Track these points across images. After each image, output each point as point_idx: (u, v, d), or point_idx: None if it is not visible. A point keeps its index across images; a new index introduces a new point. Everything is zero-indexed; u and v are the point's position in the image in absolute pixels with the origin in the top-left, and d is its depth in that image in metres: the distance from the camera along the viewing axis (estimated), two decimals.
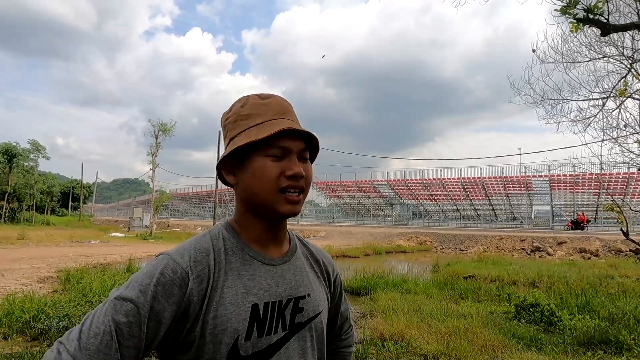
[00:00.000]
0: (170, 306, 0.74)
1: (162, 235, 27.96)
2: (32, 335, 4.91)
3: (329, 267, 1.05)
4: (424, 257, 18.86)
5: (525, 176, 37.98)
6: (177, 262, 0.77)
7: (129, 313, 0.71)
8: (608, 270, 11.66)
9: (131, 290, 0.73)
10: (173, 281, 0.75)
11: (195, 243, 0.83)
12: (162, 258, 0.79)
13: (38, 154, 43.45)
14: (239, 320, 0.79)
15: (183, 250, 0.81)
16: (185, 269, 0.77)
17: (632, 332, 5.17)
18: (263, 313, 0.83)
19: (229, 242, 0.86)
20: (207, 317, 0.77)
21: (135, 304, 0.71)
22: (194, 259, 0.79)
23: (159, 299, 0.73)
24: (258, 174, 0.84)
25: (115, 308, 0.71)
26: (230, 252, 0.84)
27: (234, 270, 0.83)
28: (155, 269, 0.76)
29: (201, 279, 0.78)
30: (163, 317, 0.73)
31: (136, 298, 0.72)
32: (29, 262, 11.47)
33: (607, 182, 31.61)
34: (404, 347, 4.82)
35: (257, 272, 0.85)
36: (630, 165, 7.08)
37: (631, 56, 6.11)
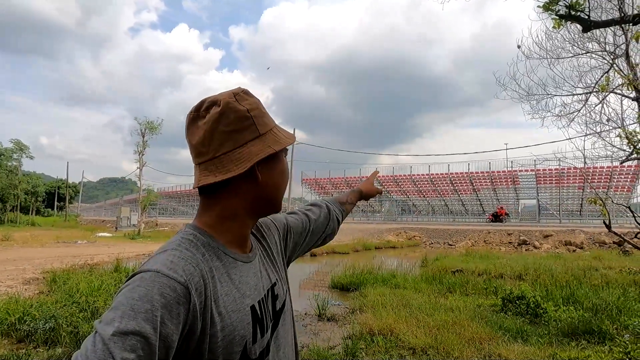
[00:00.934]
0: (176, 327, 0.67)
1: (151, 234, 27.69)
2: (18, 337, 4.85)
3: (273, 233, 1.05)
4: (413, 252, 19.01)
5: (512, 171, 38.46)
6: (173, 277, 0.68)
7: (136, 347, 0.60)
8: (592, 262, 11.89)
9: (132, 320, 0.62)
10: (176, 300, 0.67)
11: (179, 254, 0.74)
12: (153, 276, 0.67)
13: (21, 153, 42.62)
14: (243, 325, 0.77)
15: (172, 264, 0.71)
16: (184, 285, 0.69)
17: (614, 322, 5.29)
18: (260, 312, 0.83)
19: (209, 246, 0.80)
20: (213, 329, 0.72)
21: (143, 335, 0.61)
22: (187, 271, 0.71)
23: (165, 323, 0.65)
24: (285, 173, 0.90)
25: (118, 345, 0.59)
26: (214, 257, 0.79)
27: (224, 276, 0.79)
28: (151, 290, 0.65)
29: (200, 291, 0.72)
30: (172, 341, 0.66)
31: (142, 328, 0.61)
32: (13, 264, 11.28)
33: (591, 176, 32.19)
34: (393, 342, 4.87)
35: (242, 273, 0.84)
36: (613, 159, 7.22)
37: (613, 52, 6.22)
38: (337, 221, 1.28)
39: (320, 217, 1.22)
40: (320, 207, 1.26)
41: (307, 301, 7.38)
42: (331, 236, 1.28)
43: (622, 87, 5.92)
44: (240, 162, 0.80)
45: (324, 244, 1.28)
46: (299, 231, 1.14)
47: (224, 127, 0.80)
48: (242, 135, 0.81)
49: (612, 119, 6.46)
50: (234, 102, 0.81)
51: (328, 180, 49.62)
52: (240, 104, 0.82)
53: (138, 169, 29.84)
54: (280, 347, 0.89)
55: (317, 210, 1.24)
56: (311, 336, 5.54)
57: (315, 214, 1.22)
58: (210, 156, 0.81)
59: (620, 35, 6.01)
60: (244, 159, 0.80)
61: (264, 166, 0.83)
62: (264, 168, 0.84)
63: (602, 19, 5.14)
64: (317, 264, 14.80)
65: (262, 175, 0.83)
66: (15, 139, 42.58)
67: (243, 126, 0.81)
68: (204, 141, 0.81)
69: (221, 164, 0.80)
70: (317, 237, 1.21)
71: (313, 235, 1.19)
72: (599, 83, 6.16)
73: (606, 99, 6.43)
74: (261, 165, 0.83)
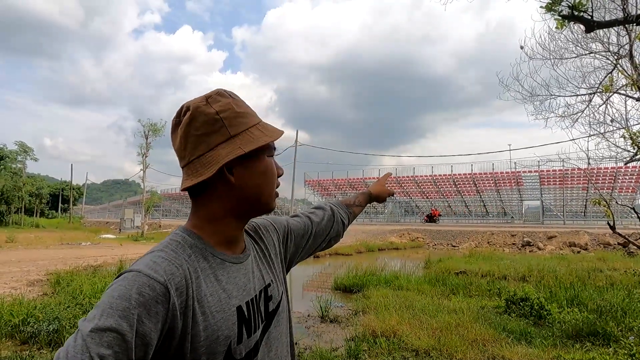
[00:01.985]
0: (155, 325, 0.68)
1: (154, 236, 27.75)
2: (22, 339, 4.86)
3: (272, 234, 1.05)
4: (416, 254, 18.97)
5: (516, 172, 38.29)
6: (152, 277, 0.69)
7: (112, 343, 0.62)
8: (597, 263, 11.83)
9: (109, 318, 0.64)
10: (154, 299, 0.68)
11: (163, 255, 0.75)
12: (134, 276, 0.69)
13: (26, 155, 42.89)
14: (228, 326, 0.78)
15: (154, 264, 0.72)
16: (163, 284, 0.70)
17: (619, 324, 5.25)
18: (247, 313, 0.83)
19: (196, 248, 0.81)
20: (195, 329, 0.73)
21: (118, 331, 0.63)
22: (169, 271, 0.72)
23: (143, 321, 0.66)
24: (268, 172, 0.86)
25: (95, 341, 0.62)
26: (201, 258, 0.80)
27: (210, 277, 0.79)
28: (130, 289, 0.67)
29: (180, 291, 0.72)
30: (150, 339, 0.67)
31: (118, 325, 0.63)
32: (18, 265, 11.34)
33: (594, 177, 32.05)
34: (395, 343, 4.85)
35: (230, 273, 0.84)
36: (617, 160, 7.17)
37: (617, 52, 6.19)
38: (342, 224, 1.27)
39: (324, 219, 1.21)
40: (324, 209, 1.25)
41: (310, 303, 7.38)
42: (336, 239, 1.27)
43: (626, 87, 5.89)
44: (210, 165, 0.80)
45: (329, 246, 1.26)
46: (300, 234, 1.13)
47: (194, 132, 0.81)
48: (212, 138, 0.81)
49: (616, 120, 6.44)
50: (204, 106, 0.82)
51: (331, 182, 49.61)
52: (211, 106, 0.82)
53: (141, 171, 29.96)
54: (272, 348, 0.89)
55: (321, 213, 1.23)
56: (314, 338, 5.53)
57: (319, 216, 1.22)
58: (187, 160, 0.83)
59: (624, 36, 5.98)
60: (214, 161, 0.80)
61: (240, 167, 0.83)
62: (241, 169, 0.83)
63: (605, 19, 5.12)
64: (320, 266, 14.80)
65: (239, 176, 0.83)
66: (20, 141, 42.84)
67: (213, 129, 0.81)
68: (181, 146, 0.83)
69: (195, 168, 0.81)
70: (320, 239, 1.20)
71: (316, 238, 1.18)
72: (603, 83, 6.13)
73: (610, 100, 6.41)
74: (237, 167, 0.83)
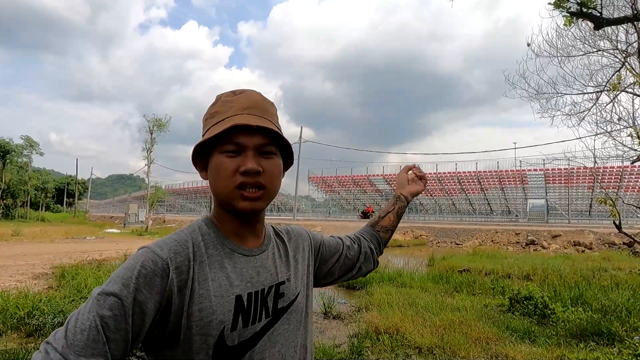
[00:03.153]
0: (152, 297, 0.75)
1: (158, 231, 27.88)
2: (27, 331, 4.90)
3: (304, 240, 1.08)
4: (420, 251, 18.95)
5: (521, 170, 38.11)
6: (157, 253, 0.78)
7: (113, 306, 0.71)
8: (601, 263, 11.76)
9: (113, 284, 0.73)
10: (154, 272, 0.76)
11: (175, 236, 0.84)
12: (142, 251, 0.79)
13: (32, 150, 43.18)
14: (224, 312, 0.80)
15: (162, 244, 0.82)
16: (165, 260, 0.78)
17: (624, 323, 5.23)
18: (247, 303, 0.85)
19: (208, 236, 0.87)
20: (191, 309, 0.78)
21: (119, 297, 0.72)
22: (173, 250, 0.80)
23: (141, 290, 0.74)
24: (215, 171, 0.86)
25: (99, 303, 0.71)
26: (211, 245, 0.86)
27: (216, 264, 0.84)
28: (136, 262, 0.76)
29: (180, 270, 0.79)
30: (147, 308, 0.74)
31: (119, 291, 0.72)
32: (23, 259, 11.43)
33: (600, 176, 31.82)
34: (398, 341, 4.85)
35: (238, 263, 0.87)
36: (623, 159, 7.12)
37: (625, 50, 6.13)
38: (371, 250, 1.24)
39: (354, 245, 1.22)
40: (353, 239, 1.25)
41: (313, 299, 7.37)
42: (367, 265, 1.24)
43: (633, 85, 5.83)
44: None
45: (363, 274, 1.26)
46: (332, 250, 1.16)
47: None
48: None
49: (623, 118, 6.37)
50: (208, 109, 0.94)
51: (335, 179, 49.59)
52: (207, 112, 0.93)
53: (146, 166, 30.08)
54: (277, 344, 0.89)
55: (352, 241, 1.24)
56: (317, 334, 5.54)
57: (351, 239, 1.24)
58: None
59: (632, 33, 5.91)
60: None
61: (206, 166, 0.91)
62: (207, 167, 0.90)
63: (614, 17, 5.06)
64: None
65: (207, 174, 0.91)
66: (26, 135, 43.09)
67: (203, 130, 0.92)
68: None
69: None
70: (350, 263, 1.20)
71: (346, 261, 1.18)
72: (610, 82, 6.07)
73: (617, 98, 6.34)
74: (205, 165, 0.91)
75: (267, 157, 0.87)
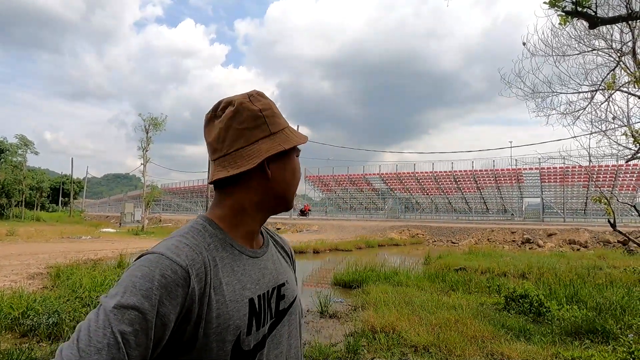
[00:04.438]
0: (174, 308, 0.71)
1: (154, 230, 27.81)
2: (21, 331, 4.87)
3: (290, 250, 1.13)
4: (416, 250, 18.99)
5: (516, 169, 38.25)
6: (175, 261, 0.73)
7: (134, 321, 0.66)
8: (596, 261, 11.84)
9: (132, 296, 0.67)
10: (175, 282, 0.71)
11: (186, 241, 0.79)
12: (157, 258, 0.73)
13: (26, 149, 42.89)
14: (239, 316, 0.80)
15: (176, 249, 0.76)
16: (185, 268, 0.73)
17: (618, 321, 5.26)
18: (258, 306, 0.85)
19: (216, 237, 0.84)
20: (209, 316, 0.75)
21: (141, 310, 0.66)
22: (190, 257, 0.76)
23: (164, 302, 0.69)
24: (297, 171, 0.93)
25: (117, 317, 0.65)
26: (220, 247, 0.84)
27: (227, 267, 0.82)
28: (153, 270, 0.71)
29: (200, 277, 0.76)
30: (168, 320, 0.70)
31: (140, 304, 0.67)
32: (18, 259, 11.36)
33: (595, 174, 31.99)
34: (395, 339, 4.86)
35: (247, 266, 0.87)
36: (618, 158, 7.15)
37: (620, 49, 6.16)
38: None
39: None
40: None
41: (310, 298, 7.39)
42: None
43: (628, 84, 5.86)
44: (250, 158, 0.84)
45: None
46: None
47: (237, 125, 0.86)
48: (253, 133, 0.86)
49: (618, 117, 6.40)
50: (248, 102, 0.88)
51: (331, 178, 49.60)
52: (253, 104, 0.88)
53: (142, 165, 29.96)
54: (279, 345, 0.90)
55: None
56: (313, 333, 5.54)
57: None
58: (224, 152, 0.86)
59: (627, 33, 5.95)
60: (255, 155, 0.85)
61: (275, 164, 0.88)
62: (275, 165, 0.88)
63: (609, 16, 5.08)
64: (320, 261, 14.83)
65: (273, 172, 0.88)
66: (20, 134, 42.81)
67: (255, 124, 0.87)
68: (219, 138, 0.87)
69: (233, 160, 0.85)
70: None
71: None
72: (605, 81, 6.10)
73: (612, 97, 6.37)
74: (272, 163, 0.87)
75: None
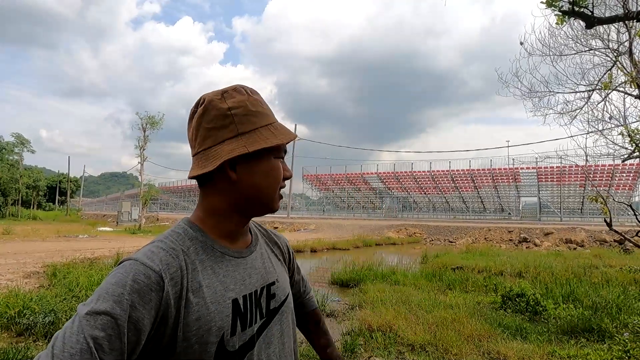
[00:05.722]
0: (148, 312, 0.70)
1: (151, 229, 27.74)
2: (18, 331, 4.85)
3: (285, 246, 1.12)
4: (413, 249, 19.02)
5: (513, 168, 38.38)
6: (148, 266, 0.73)
7: (106, 326, 0.66)
8: (592, 260, 11.88)
9: (104, 302, 0.67)
10: (148, 286, 0.71)
11: (161, 245, 0.79)
12: (130, 264, 0.73)
13: (22, 147, 42.68)
14: (222, 317, 0.79)
15: (150, 254, 0.76)
16: (158, 273, 0.73)
17: (614, 320, 5.28)
18: (243, 306, 0.84)
19: (196, 240, 0.84)
20: (187, 319, 0.75)
21: (112, 315, 0.66)
22: (165, 261, 0.75)
23: (136, 307, 0.69)
24: (271, 174, 0.87)
25: (90, 323, 0.65)
26: (200, 250, 0.83)
27: (207, 269, 0.81)
28: (126, 276, 0.71)
29: (175, 281, 0.75)
30: (143, 325, 0.70)
31: (111, 309, 0.67)
32: (14, 257, 11.31)
33: (592, 174, 32.12)
34: (392, 338, 4.86)
35: (229, 267, 0.86)
36: (614, 157, 7.17)
37: (616, 49, 6.18)
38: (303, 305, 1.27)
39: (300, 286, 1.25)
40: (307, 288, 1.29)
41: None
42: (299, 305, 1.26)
43: (625, 84, 5.87)
44: (214, 159, 0.82)
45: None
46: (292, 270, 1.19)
47: (205, 124, 0.84)
48: (220, 132, 0.83)
49: (615, 117, 6.42)
50: (218, 100, 0.84)
51: (329, 177, 49.63)
52: (225, 101, 0.84)
53: (139, 164, 29.87)
54: (271, 345, 0.90)
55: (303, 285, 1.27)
56: None
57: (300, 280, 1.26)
58: (196, 150, 0.86)
59: (624, 32, 5.96)
60: (217, 156, 0.82)
61: (242, 166, 0.84)
62: (242, 168, 0.84)
63: (605, 16, 5.09)
64: (318, 260, 14.83)
65: (240, 174, 0.84)
66: (16, 132, 42.60)
67: (222, 124, 0.83)
68: (192, 136, 0.87)
69: (202, 160, 0.84)
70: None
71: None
72: (602, 80, 6.12)
73: (609, 97, 6.39)
74: (239, 165, 0.84)
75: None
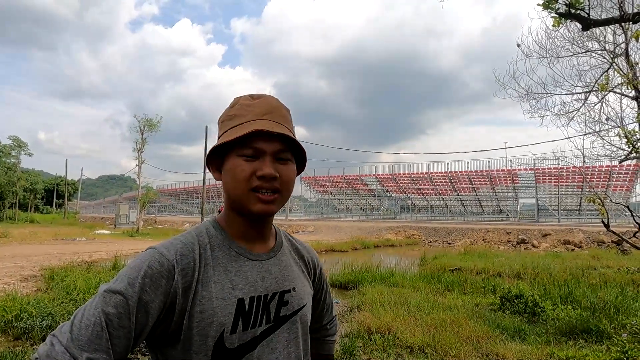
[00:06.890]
0: (157, 297, 0.77)
1: (149, 231, 27.68)
2: (15, 334, 4.83)
3: (313, 262, 1.10)
4: (412, 251, 19.01)
5: (511, 170, 38.44)
6: (164, 255, 0.80)
7: (118, 305, 0.74)
8: (590, 261, 11.90)
9: (120, 283, 0.76)
10: (160, 273, 0.78)
11: (182, 238, 0.86)
12: (149, 252, 0.81)
13: (20, 150, 42.53)
14: (225, 314, 0.82)
15: (169, 245, 0.83)
16: (171, 262, 0.80)
17: (612, 321, 5.28)
18: (249, 307, 0.86)
19: (215, 238, 0.89)
20: (193, 310, 0.80)
21: (124, 295, 0.74)
22: (180, 252, 0.82)
23: (146, 291, 0.76)
24: (231, 174, 0.87)
25: (105, 300, 0.74)
26: (217, 248, 0.87)
27: (220, 266, 0.86)
28: (143, 262, 0.79)
29: (186, 272, 0.81)
30: (151, 308, 0.76)
31: (124, 290, 0.75)
32: (12, 261, 11.25)
33: (589, 175, 32.20)
34: (390, 340, 4.86)
35: (243, 267, 0.88)
36: (612, 158, 7.21)
37: (613, 51, 6.22)
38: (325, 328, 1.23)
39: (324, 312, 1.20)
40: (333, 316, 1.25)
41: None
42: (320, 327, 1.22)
43: (621, 86, 5.91)
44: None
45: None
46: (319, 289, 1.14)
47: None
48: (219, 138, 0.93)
49: (612, 118, 6.46)
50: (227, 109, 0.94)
51: (327, 179, 49.59)
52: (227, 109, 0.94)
53: (137, 167, 29.82)
54: (275, 351, 0.90)
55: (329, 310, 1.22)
56: None
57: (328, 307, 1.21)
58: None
59: (620, 34, 6.01)
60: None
61: (223, 167, 0.90)
62: (222, 169, 0.91)
63: (602, 18, 5.12)
64: None
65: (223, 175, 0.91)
66: (14, 135, 42.46)
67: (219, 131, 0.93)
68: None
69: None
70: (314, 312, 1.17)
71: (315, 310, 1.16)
72: (599, 82, 6.15)
73: (605, 98, 6.44)
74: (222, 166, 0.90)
75: (283, 163, 0.89)
